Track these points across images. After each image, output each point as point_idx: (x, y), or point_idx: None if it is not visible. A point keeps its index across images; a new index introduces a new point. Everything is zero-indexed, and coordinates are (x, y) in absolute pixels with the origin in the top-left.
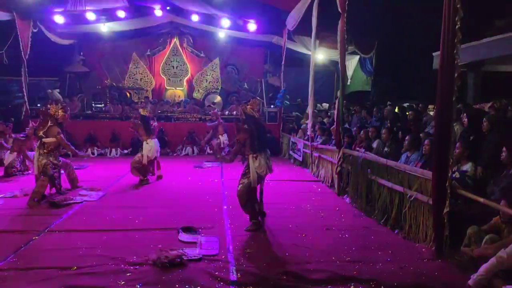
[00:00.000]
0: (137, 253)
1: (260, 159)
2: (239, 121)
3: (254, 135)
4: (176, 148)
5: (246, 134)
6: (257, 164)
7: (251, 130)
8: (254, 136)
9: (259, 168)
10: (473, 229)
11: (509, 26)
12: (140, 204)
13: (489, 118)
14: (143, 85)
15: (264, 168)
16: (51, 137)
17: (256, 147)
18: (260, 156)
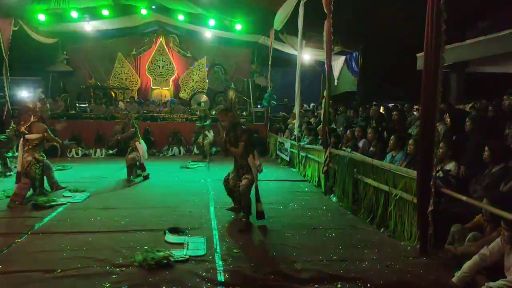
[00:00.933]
0: (123, 254)
1: (257, 158)
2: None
3: (250, 140)
4: (162, 149)
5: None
6: (258, 163)
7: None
8: (250, 141)
9: (259, 167)
10: (456, 227)
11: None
12: (125, 205)
13: (472, 118)
14: (128, 84)
15: (261, 167)
16: (35, 133)
17: (253, 149)
18: (257, 155)
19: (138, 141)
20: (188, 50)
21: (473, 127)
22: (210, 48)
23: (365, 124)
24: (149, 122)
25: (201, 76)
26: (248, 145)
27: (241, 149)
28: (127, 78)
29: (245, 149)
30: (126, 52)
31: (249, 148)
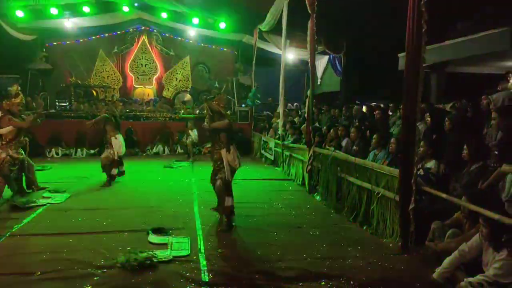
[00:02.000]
0: (105, 256)
1: (233, 152)
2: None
3: (231, 127)
4: (145, 148)
5: (226, 127)
6: (231, 158)
7: (230, 123)
8: (230, 128)
9: (233, 162)
10: (436, 224)
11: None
12: (107, 206)
13: (451, 117)
14: (110, 83)
15: (237, 161)
16: (4, 127)
17: (230, 140)
18: (232, 149)
19: (114, 135)
20: (172, 48)
21: (453, 126)
22: (193, 46)
23: (348, 123)
24: (131, 121)
25: (184, 75)
26: (228, 130)
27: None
28: (108, 76)
29: (224, 134)
30: (107, 50)
31: (225, 141)
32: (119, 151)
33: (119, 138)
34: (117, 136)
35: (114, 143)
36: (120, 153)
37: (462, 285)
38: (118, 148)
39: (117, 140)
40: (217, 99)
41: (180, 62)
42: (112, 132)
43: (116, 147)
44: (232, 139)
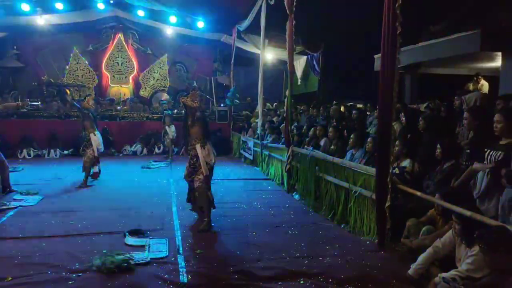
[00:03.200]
0: (80, 259)
1: (208, 148)
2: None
3: (206, 123)
4: (122, 148)
5: (199, 121)
6: (206, 153)
7: (203, 118)
8: (206, 124)
9: (208, 157)
10: (411, 221)
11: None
12: (82, 208)
13: (425, 117)
14: (84, 82)
15: (213, 156)
16: None
17: (206, 135)
18: (208, 145)
19: (93, 131)
20: (149, 47)
21: (426, 126)
22: (171, 45)
23: (326, 123)
24: (107, 121)
25: (162, 74)
26: (202, 125)
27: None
28: (83, 75)
29: (200, 130)
30: (82, 48)
31: (200, 136)
32: (99, 148)
33: (98, 135)
34: (95, 133)
35: (93, 139)
36: (101, 150)
37: (436, 281)
38: (97, 145)
39: (96, 137)
40: (190, 95)
41: (157, 61)
42: (91, 129)
43: (95, 144)
44: (207, 134)
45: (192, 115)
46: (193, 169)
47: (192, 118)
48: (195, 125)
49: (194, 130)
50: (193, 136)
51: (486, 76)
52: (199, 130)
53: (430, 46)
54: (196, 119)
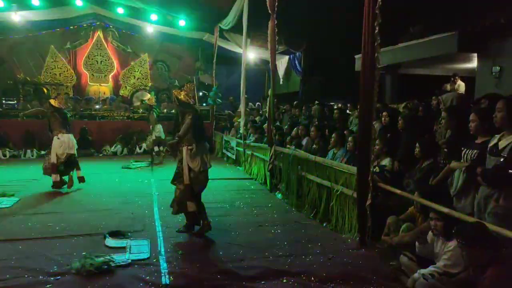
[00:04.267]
0: (58, 262)
1: (195, 152)
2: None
3: (196, 123)
4: (101, 148)
5: (191, 120)
6: (192, 158)
7: (196, 116)
8: (198, 124)
9: (193, 162)
10: (391, 219)
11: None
12: (61, 209)
13: (404, 117)
14: (62, 80)
15: (200, 162)
16: None
17: (195, 137)
18: (196, 149)
19: (58, 133)
20: (129, 45)
21: (405, 125)
22: (152, 43)
23: (308, 122)
24: (86, 120)
25: (143, 73)
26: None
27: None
28: (61, 73)
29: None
30: (59, 46)
31: (195, 132)
32: (57, 152)
33: (64, 137)
34: (60, 136)
35: (54, 143)
36: (61, 155)
37: (415, 277)
38: (58, 149)
39: (60, 139)
40: (186, 89)
41: (138, 59)
42: (56, 130)
43: (55, 148)
44: (199, 136)
45: (184, 113)
46: (177, 175)
47: (183, 115)
48: (192, 122)
49: (189, 129)
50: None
51: (462, 76)
52: (188, 129)
53: (409, 47)
54: (188, 117)
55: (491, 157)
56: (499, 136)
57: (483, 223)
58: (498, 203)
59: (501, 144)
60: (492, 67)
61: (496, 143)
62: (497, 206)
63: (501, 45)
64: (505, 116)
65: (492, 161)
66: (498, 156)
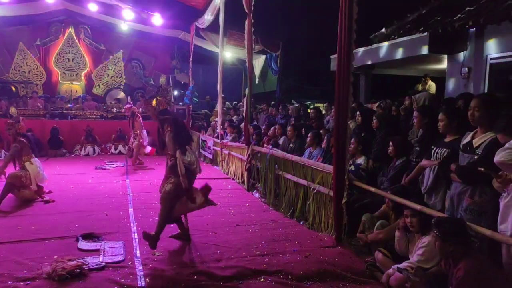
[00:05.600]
0: (28, 266)
1: (189, 153)
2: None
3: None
4: (73, 149)
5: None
6: (189, 159)
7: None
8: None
9: (191, 164)
10: (366, 216)
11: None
12: (30, 212)
13: (378, 116)
14: (32, 78)
15: (196, 163)
16: None
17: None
18: (188, 151)
19: (29, 159)
20: (102, 42)
21: (379, 124)
22: (127, 41)
23: (284, 122)
24: (57, 120)
25: (117, 71)
26: (173, 134)
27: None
28: (30, 71)
29: (172, 140)
30: (29, 42)
31: (175, 139)
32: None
33: (36, 161)
34: (33, 161)
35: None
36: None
37: (390, 272)
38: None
39: (33, 165)
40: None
41: (111, 57)
42: (26, 156)
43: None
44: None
45: (163, 122)
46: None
47: (162, 126)
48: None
49: (167, 140)
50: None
51: (433, 77)
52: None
53: (382, 48)
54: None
55: (465, 154)
56: (472, 133)
57: (464, 221)
58: (473, 200)
59: (476, 142)
60: (461, 68)
61: (470, 141)
62: (473, 202)
63: (470, 46)
64: (482, 114)
65: (465, 159)
66: (472, 153)
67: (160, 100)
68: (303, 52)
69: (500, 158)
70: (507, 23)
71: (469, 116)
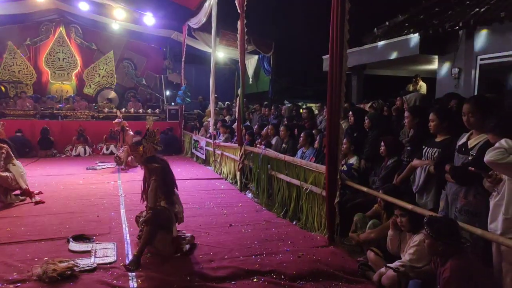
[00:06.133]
0: (18, 268)
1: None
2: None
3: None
4: (64, 149)
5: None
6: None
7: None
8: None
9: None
10: (358, 216)
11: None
12: (20, 213)
13: (370, 116)
14: (22, 78)
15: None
16: None
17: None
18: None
19: (11, 161)
20: (93, 42)
21: (371, 124)
22: (118, 41)
23: (277, 122)
24: (47, 120)
25: (108, 71)
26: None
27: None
28: (20, 70)
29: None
30: (18, 42)
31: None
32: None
33: (18, 162)
34: (15, 162)
35: (15, 172)
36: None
37: (382, 271)
38: (22, 174)
39: (15, 166)
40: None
41: (103, 57)
42: (8, 159)
43: (19, 175)
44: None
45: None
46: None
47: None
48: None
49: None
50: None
51: (424, 77)
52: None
53: (374, 48)
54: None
55: (460, 155)
56: (467, 134)
57: (456, 222)
58: (467, 200)
59: (471, 143)
60: (452, 69)
61: (465, 142)
62: (467, 203)
63: (460, 47)
64: (477, 118)
65: (460, 159)
66: (467, 154)
67: (146, 147)
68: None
69: (490, 158)
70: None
71: (464, 122)
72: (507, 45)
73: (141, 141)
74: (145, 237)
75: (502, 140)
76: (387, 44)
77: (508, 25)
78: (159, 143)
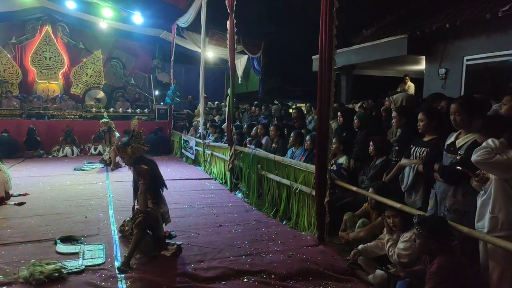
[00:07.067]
0: (4, 271)
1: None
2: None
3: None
4: (51, 149)
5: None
6: (162, 210)
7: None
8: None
9: (164, 213)
10: (348, 215)
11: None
12: (5, 214)
13: (359, 116)
14: (7, 77)
15: (167, 213)
16: None
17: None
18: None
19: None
20: (81, 41)
21: (360, 124)
22: (106, 40)
23: (267, 121)
24: (34, 120)
25: (96, 70)
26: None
27: (142, 200)
28: (5, 70)
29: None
30: (4, 40)
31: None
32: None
33: (4, 168)
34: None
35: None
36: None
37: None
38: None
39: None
40: (132, 150)
41: (90, 56)
42: None
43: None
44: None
45: (138, 172)
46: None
47: (138, 175)
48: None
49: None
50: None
51: (412, 78)
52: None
53: (363, 49)
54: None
55: (448, 154)
56: (456, 134)
57: (446, 220)
58: (456, 199)
59: (459, 143)
60: (439, 69)
61: (453, 141)
62: (456, 202)
63: (447, 48)
64: (463, 117)
65: (449, 158)
66: (455, 153)
67: (135, 147)
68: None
69: (477, 157)
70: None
71: (452, 121)
72: (493, 46)
73: (129, 141)
74: (135, 240)
75: (489, 139)
76: (375, 44)
77: (493, 26)
78: (145, 143)
